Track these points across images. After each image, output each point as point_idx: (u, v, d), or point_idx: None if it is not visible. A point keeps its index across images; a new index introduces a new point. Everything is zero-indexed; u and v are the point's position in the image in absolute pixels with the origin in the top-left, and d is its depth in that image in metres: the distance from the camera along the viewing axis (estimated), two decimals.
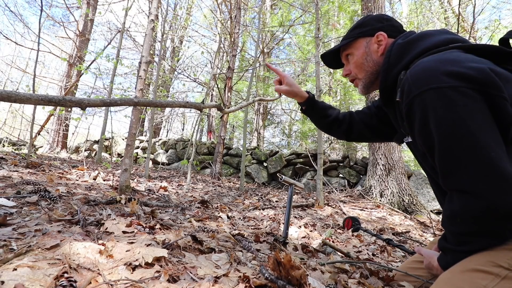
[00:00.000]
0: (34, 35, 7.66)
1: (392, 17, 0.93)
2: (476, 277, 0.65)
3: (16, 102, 0.99)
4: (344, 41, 0.94)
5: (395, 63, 0.80)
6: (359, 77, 0.93)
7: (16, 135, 10.52)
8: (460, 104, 0.61)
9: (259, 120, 11.31)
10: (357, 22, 0.95)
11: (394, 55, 0.81)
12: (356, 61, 0.92)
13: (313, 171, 5.92)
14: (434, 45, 0.75)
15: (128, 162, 2.25)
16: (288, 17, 7.68)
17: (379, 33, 0.88)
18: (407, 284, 0.93)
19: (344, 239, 1.87)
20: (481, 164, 0.59)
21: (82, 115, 6.57)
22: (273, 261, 0.79)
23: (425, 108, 0.64)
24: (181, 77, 11.89)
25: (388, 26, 0.89)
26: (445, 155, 0.64)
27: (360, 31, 0.91)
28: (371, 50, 0.89)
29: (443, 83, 0.62)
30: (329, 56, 1.01)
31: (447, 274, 0.73)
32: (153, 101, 1.62)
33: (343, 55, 0.97)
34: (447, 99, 0.61)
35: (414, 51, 0.77)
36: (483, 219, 0.61)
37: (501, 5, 9.06)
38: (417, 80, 0.66)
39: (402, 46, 0.81)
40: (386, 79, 0.83)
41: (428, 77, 0.65)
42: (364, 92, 0.95)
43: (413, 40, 0.80)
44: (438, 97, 0.62)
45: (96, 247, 0.82)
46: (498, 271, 0.63)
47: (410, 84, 0.68)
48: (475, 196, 0.60)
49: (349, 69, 0.95)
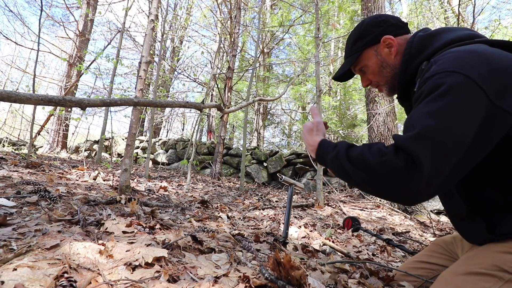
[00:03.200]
0: (34, 35, 7.67)
1: (386, 15, 0.90)
2: (479, 279, 0.65)
3: (16, 102, 1.00)
4: (351, 58, 0.91)
5: (417, 54, 0.78)
6: (382, 83, 0.91)
7: (16, 135, 10.52)
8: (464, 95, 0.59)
9: (259, 120, 11.31)
10: (354, 35, 0.91)
11: (416, 46, 0.79)
12: (373, 71, 0.89)
13: (313, 171, 5.92)
14: (459, 38, 0.73)
15: (128, 162, 2.25)
16: (288, 17, 7.68)
17: (385, 37, 0.85)
18: (407, 284, 0.93)
19: (344, 239, 1.87)
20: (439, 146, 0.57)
21: (82, 115, 6.56)
22: (273, 261, 0.79)
23: (440, 83, 0.62)
24: (181, 77, 11.89)
25: (388, 27, 0.86)
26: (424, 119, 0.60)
27: (364, 42, 0.88)
28: (384, 56, 0.86)
29: (465, 71, 0.60)
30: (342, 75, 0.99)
31: (449, 275, 0.73)
32: (153, 101, 1.63)
33: (356, 69, 0.94)
34: (459, 85, 0.60)
35: (437, 43, 0.75)
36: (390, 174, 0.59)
37: (501, 5, 9.06)
38: (444, 63, 0.64)
39: (424, 38, 0.79)
40: (407, 69, 0.80)
41: (455, 62, 0.63)
42: (391, 94, 0.93)
43: (436, 33, 0.78)
44: (454, 80, 0.60)
45: (96, 247, 0.82)
46: (501, 274, 0.64)
47: (435, 66, 0.66)
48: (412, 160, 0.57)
49: (368, 78, 0.93)
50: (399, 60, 0.84)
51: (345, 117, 8.14)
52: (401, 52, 0.84)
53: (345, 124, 8.02)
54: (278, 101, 11.57)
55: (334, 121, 7.77)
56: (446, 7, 8.49)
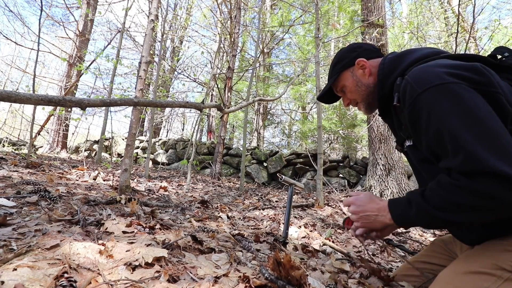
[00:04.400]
0: (34, 35, 7.66)
1: (361, 42, 1.04)
2: (478, 279, 0.65)
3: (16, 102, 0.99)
4: (331, 79, 1.03)
5: (390, 73, 0.85)
6: (359, 101, 1.00)
7: (16, 135, 10.53)
8: (465, 97, 0.63)
9: (259, 120, 11.31)
10: (334, 60, 1.04)
11: (388, 66, 0.87)
12: (350, 90, 0.99)
13: (313, 171, 5.92)
14: (425, 55, 0.81)
15: (128, 162, 2.25)
16: (288, 17, 7.67)
17: (358, 60, 0.95)
18: (407, 284, 0.93)
19: (344, 239, 1.87)
20: (495, 149, 0.58)
21: (82, 115, 6.56)
22: (273, 261, 0.79)
23: (431, 104, 0.66)
24: (181, 77, 11.88)
25: (362, 52, 0.97)
26: (457, 142, 0.62)
27: (341, 66, 0.99)
28: (358, 77, 0.96)
29: (445, 80, 0.65)
30: (325, 96, 1.11)
31: (449, 274, 0.73)
32: (153, 101, 1.63)
33: (338, 90, 1.05)
34: (452, 93, 0.64)
35: (406, 61, 0.82)
36: (491, 198, 0.58)
37: (501, 5, 9.06)
38: (419, 80, 0.69)
39: (393, 59, 0.87)
40: (383, 87, 0.88)
41: (429, 76, 0.68)
42: (369, 112, 1.01)
43: (404, 53, 0.87)
44: (443, 93, 0.65)
45: (96, 247, 0.82)
46: (500, 273, 0.64)
47: (412, 85, 0.70)
48: (492, 175, 0.57)
49: (348, 98, 1.03)
50: (372, 80, 0.94)
51: (345, 117, 8.13)
52: (375, 73, 0.93)
53: (345, 124, 8.01)
54: (278, 101, 11.57)
55: (334, 121, 7.77)
56: (446, 7, 8.49)
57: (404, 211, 0.73)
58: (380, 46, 4.56)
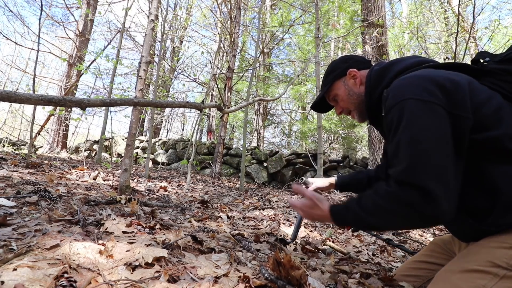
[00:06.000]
0: (34, 35, 7.66)
1: (352, 54, 1.09)
2: (475, 277, 0.65)
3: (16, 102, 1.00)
4: (324, 88, 1.07)
5: (376, 85, 0.90)
6: (352, 109, 1.04)
7: (16, 135, 10.52)
8: (428, 116, 0.69)
9: (259, 120, 11.31)
10: (327, 70, 1.09)
11: (374, 79, 0.91)
12: (342, 99, 1.04)
13: (313, 171, 5.92)
14: (406, 67, 0.85)
15: (128, 162, 2.25)
16: (288, 17, 7.67)
17: (350, 70, 1.00)
18: (407, 284, 0.93)
19: (344, 239, 1.87)
20: (432, 169, 0.65)
21: (82, 115, 6.56)
22: (273, 261, 0.80)
23: (401, 114, 0.72)
24: (181, 77, 11.89)
25: (353, 63, 1.02)
26: (405, 154, 0.69)
27: (333, 76, 1.04)
28: (350, 86, 1.01)
29: (416, 95, 0.70)
30: (318, 105, 1.15)
31: (446, 273, 0.73)
32: (153, 101, 1.63)
33: (330, 99, 1.09)
34: (418, 110, 0.69)
35: (390, 74, 0.87)
36: (411, 207, 0.66)
37: (501, 5, 9.05)
38: (395, 92, 0.76)
39: (379, 71, 0.91)
40: (370, 98, 0.92)
41: (404, 90, 0.74)
42: (361, 120, 1.05)
43: (388, 65, 0.91)
44: (411, 107, 0.70)
45: (96, 247, 0.82)
46: (496, 270, 0.64)
47: (390, 97, 0.77)
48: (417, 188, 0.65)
49: (340, 106, 1.07)
50: (363, 89, 0.98)
51: (345, 117, 8.14)
52: (364, 83, 0.97)
53: (345, 124, 8.01)
54: (278, 101, 11.56)
55: (334, 121, 7.77)
56: (446, 7, 8.49)
57: (343, 218, 0.83)
58: (380, 46, 4.57)
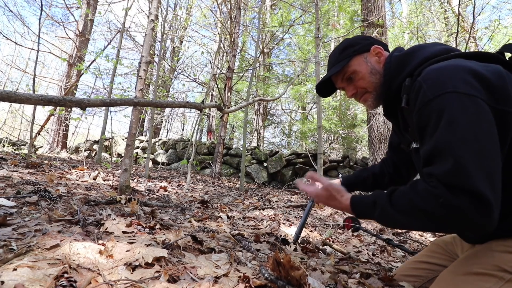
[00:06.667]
0: (34, 35, 7.66)
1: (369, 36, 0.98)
2: (479, 279, 0.65)
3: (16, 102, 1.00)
4: (341, 63, 0.92)
5: (397, 73, 0.81)
6: (369, 90, 0.91)
7: (16, 135, 10.52)
8: (474, 112, 0.61)
9: (259, 120, 11.31)
10: (342, 45, 0.95)
11: (394, 66, 0.83)
12: (362, 77, 0.90)
13: (313, 171, 5.92)
14: (434, 54, 0.76)
15: (128, 162, 2.25)
16: (288, 17, 7.66)
17: (375, 46, 0.90)
18: (407, 284, 0.93)
19: (344, 239, 1.87)
20: (484, 170, 0.58)
21: (82, 115, 6.57)
22: (273, 261, 0.79)
23: (442, 109, 0.64)
24: (181, 77, 11.89)
25: (375, 41, 0.92)
26: (450, 152, 0.62)
27: (354, 50, 0.91)
28: (373, 63, 0.89)
29: (459, 89, 0.63)
30: (323, 85, 1.01)
31: (449, 275, 0.73)
32: (153, 101, 1.63)
33: (345, 77, 0.94)
34: (463, 105, 0.62)
35: (414, 61, 0.78)
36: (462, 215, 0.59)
37: (501, 5, 9.06)
38: (432, 84, 0.67)
39: (400, 58, 0.83)
40: (390, 88, 0.84)
41: (443, 81, 0.65)
42: (375, 105, 0.92)
43: (411, 51, 0.82)
44: (454, 102, 0.63)
45: (96, 247, 0.82)
46: (502, 274, 0.64)
47: (425, 89, 0.67)
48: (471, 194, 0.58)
49: (355, 87, 0.93)
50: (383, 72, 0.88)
51: (345, 117, 8.14)
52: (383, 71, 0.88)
53: (345, 124, 8.01)
54: (278, 101, 11.56)
55: (334, 121, 7.76)
56: (446, 7, 8.49)
57: (368, 211, 0.75)
58: None
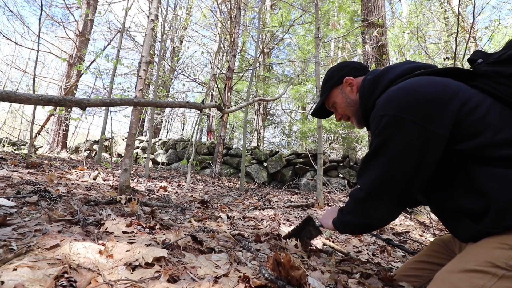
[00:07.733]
0: (34, 35, 7.66)
1: (349, 61, 1.11)
2: (474, 277, 0.65)
3: (16, 102, 0.99)
4: (322, 96, 1.11)
5: (369, 95, 0.93)
6: (350, 115, 1.07)
7: (16, 135, 10.53)
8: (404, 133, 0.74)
9: (259, 120, 11.31)
10: (324, 78, 1.12)
11: (367, 89, 0.94)
12: (340, 106, 1.07)
13: (313, 171, 5.92)
14: (398, 75, 0.87)
15: (128, 162, 2.25)
16: (288, 17, 7.66)
17: (346, 78, 1.02)
18: (407, 284, 0.93)
19: (344, 239, 1.87)
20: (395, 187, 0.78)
21: (82, 115, 6.56)
22: (273, 261, 0.79)
23: (377, 127, 0.79)
24: (181, 77, 11.88)
25: (349, 70, 1.04)
26: (373, 169, 0.81)
27: (331, 84, 1.07)
28: (347, 93, 1.04)
29: (396, 112, 0.75)
30: (318, 111, 1.19)
31: (445, 273, 0.74)
32: (153, 101, 1.63)
33: (329, 106, 1.13)
34: (395, 128, 0.75)
35: (383, 83, 0.89)
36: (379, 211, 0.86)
37: (501, 5, 9.04)
38: (381, 105, 0.81)
39: (371, 81, 0.94)
40: (365, 108, 0.95)
41: (384, 105, 0.79)
42: (360, 126, 1.08)
43: (380, 74, 0.93)
44: (386, 123, 0.77)
45: (96, 247, 0.82)
46: (495, 271, 0.64)
47: (375, 109, 0.82)
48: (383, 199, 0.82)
49: (339, 113, 1.11)
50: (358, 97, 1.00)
51: None
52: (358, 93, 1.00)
53: (345, 124, 8.00)
54: (278, 101, 11.56)
55: (334, 121, 7.76)
56: (446, 7, 8.48)
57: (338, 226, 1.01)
58: (380, 46, 4.56)
